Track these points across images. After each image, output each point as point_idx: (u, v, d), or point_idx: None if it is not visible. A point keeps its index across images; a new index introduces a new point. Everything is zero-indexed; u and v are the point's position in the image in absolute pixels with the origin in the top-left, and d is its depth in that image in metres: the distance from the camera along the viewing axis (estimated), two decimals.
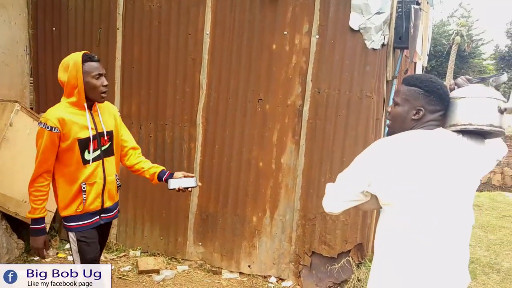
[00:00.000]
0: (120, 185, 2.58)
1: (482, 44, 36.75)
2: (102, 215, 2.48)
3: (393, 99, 1.78)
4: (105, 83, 2.34)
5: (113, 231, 4.24)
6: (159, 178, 2.57)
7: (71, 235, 2.38)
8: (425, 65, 7.03)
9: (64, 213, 2.36)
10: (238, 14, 3.73)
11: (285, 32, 3.64)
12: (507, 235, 5.64)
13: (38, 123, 2.25)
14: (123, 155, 2.63)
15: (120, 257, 4.12)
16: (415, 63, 5.56)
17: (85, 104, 2.31)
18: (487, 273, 4.25)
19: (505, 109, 1.58)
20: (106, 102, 2.47)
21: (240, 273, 3.95)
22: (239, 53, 3.77)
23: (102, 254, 4.15)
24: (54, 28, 4.19)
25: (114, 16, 4.04)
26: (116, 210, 2.60)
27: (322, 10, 3.52)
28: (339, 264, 3.67)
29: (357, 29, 3.42)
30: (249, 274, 3.93)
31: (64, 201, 2.34)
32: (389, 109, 1.78)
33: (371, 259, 3.72)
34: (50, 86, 4.22)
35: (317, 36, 3.56)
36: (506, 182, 11.94)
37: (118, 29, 4.04)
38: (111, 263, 3.95)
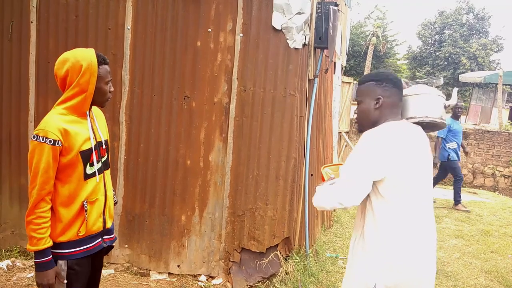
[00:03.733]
0: (116, 201, 2.33)
1: (396, 45, 39.29)
2: (104, 237, 2.18)
3: (356, 100, 2.06)
4: (112, 88, 2.10)
5: None
6: None
7: (60, 264, 2.00)
8: (344, 64, 7.35)
9: (61, 239, 1.98)
10: (160, 9, 3.66)
11: (209, 30, 3.62)
12: None
13: (34, 137, 1.89)
14: None
15: None
16: (335, 62, 5.80)
17: (88, 111, 2.05)
18: None
19: (448, 106, 2.01)
20: (95, 107, 2.19)
21: (169, 273, 3.90)
22: (162, 49, 3.70)
23: (20, 261, 3.90)
24: None
25: (28, 9, 3.79)
26: (113, 231, 2.31)
27: (245, 8, 3.55)
28: (268, 259, 3.74)
29: (280, 29, 3.49)
30: (178, 274, 3.88)
31: (62, 225, 1.98)
32: (356, 111, 2.06)
33: (297, 252, 3.85)
34: None
35: (241, 35, 3.59)
36: None
37: (32, 22, 3.80)
38: (29, 270, 3.71)
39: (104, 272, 3.82)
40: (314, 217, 4.60)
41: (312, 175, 4.23)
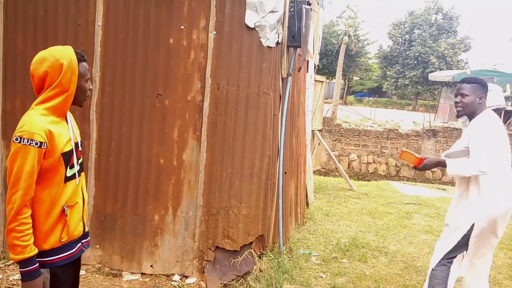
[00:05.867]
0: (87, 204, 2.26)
1: (368, 44, 40.07)
2: (83, 241, 2.12)
3: (460, 93, 2.99)
4: (91, 86, 2.02)
5: (0, 237, 3.87)
6: None
7: (43, 272, 1.90)
8: (317, 63, 7.41)
9: (44, 247, 1.90)
10: (132, 6, 3.60)
11: (182, 27, 3.59)
12: (392, 220, 6.20)
13: (17, 139, 1.78)
14: None
15: (9, 265, 3.78)
16: (308, 61, 5.85)
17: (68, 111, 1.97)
18: (376, 256, 4.65)
19: (508, 97, 3.63)
20: None
21: (142, 273, 3.85)
22: (134, 46, 3.65)
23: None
24: None
25: None
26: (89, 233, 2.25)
27: (218, 6, 3.53)
28: (242, 257, 3.75)
29: (253, 27, 3.49)
30: (151, 274, 3.84)
31: (43, 232, 1.89)
32: (458, 100, 3.00)
33: (271, 250, 3.87)
34: None
35: (215, 32, 3.57)
36: (390, 171, 13.15)
37: None
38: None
39: None
40: (288, 215, 4.64)
41: (285, 173, 4.25)
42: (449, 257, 3.11)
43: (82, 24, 3.66)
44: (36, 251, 1.85)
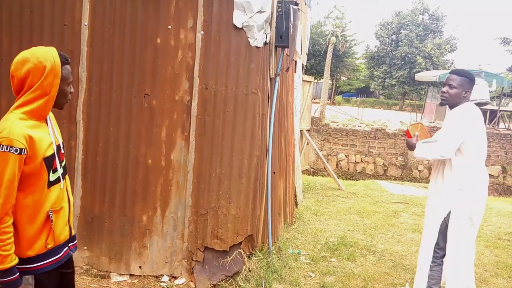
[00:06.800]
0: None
1: (355, 44, 40.34)
2: (69, 244, 2.08)
3: (449, 84, 3.09)
4: (72, 89, 1.96)
5: None
6: None
7: (27, 278, 1.86)
8: (305, 63, 7.44)
9: (29, 253, 1.85)
10: (119, 5, 3.58)
11: (170, 27, 3.58)
12: (380, 219, 6.25)
13: None
14: None
15: None
16: (296, 61, 5.87)
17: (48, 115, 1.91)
18: (364, 255, 4.68)
19: (491, 92, 3.42)
20: None
21: (131, 275, 3.82)
22: (121, 46, 3.62)
23: None
24: None
25: None
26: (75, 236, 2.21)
27: (205, 6, 3.53)
28: (231, 257, 3.74)
29: (241, 27, 3.49)
30: (140, 275, 3.81)
31: (27, 239, 1.84)
32: (445, 90, 3.09)
33: (261, 249, 3.88)
34: None
35: (202, 32, 3.56)
36: (378, 171, 13.26)
37: None
38: None
39: None
40: (277, 214, 4.65)
41: (274, 172, 4.26)
42: (442, 254, 3.21)
43: (68, 23, 3.62)
44: (17, 260, 1.80)
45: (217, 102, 3.64)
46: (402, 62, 38.60)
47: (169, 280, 3.78)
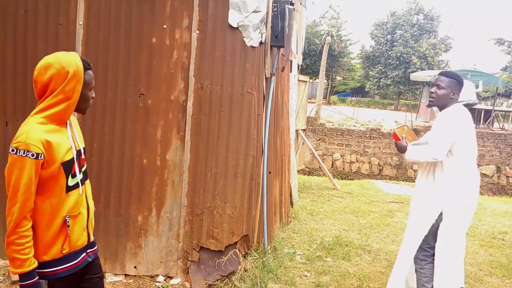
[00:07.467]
0: (94, 211, 2.18)
1: (350, 44, 40.38)
2: (88, 251, 2.06)
3: (437, 84, 3.12)
4: (94, 94, 1.98)
5: None
6: None
7: (41, 283, 1.85)
8: (300, 63, 7.45)
9: (45, 258, 1.86)
10: (114, 5, 3.57)
11: (165, 26, 3.57)
12: (375, 218, 6.27)
13: (13, 150, 1.73)
14: None
15: None
16: (291, 61, 5.88)
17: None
18: (359, 255, 4.69)
19: (478, 92, 3.38)
20: None
21: (126, 275, 3.81)
22: (116, 45, 3.61)
23: None
24: None
25: None
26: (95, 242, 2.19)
27: (201, 5, 3.53)
28: (227, 257, 3.74)
29: (236, 27, 3.49)
30: (135, 275, 3.81)
31: (43, 243, 1.85)
32: (434, 90, 3.13)
33: (256, 249, 3.88)
34: None
35: (198, 32, 3.56)
36: (373, 170, 13.30)
37: None
38: None
39: None
40: (273, 214, 4.65)
41: (270, 172, 4.27)
42: (432, 252, 3.22)
43: (63, 23, 3.60)
44: (36, 264, 1.81)
45: (212, 102, 3.64)
46: (397, 62, 38.71)
47: (165, 280, 3.78)
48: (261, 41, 3.57)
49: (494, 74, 21.49)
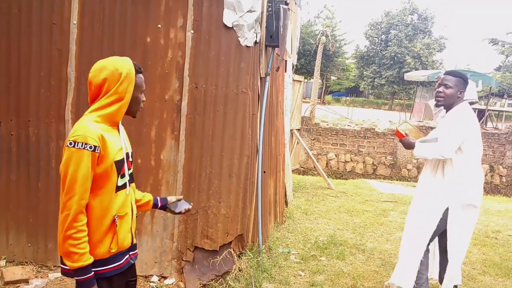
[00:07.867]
0: (136, 215, 2.19)
1: (345, 44, 40.50)
2: (131, 253, 2.09)
3: (444, 84, 3.17)
4: (144, 98, 2.03)
5: None
6: (154, 205, 2.34)
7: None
8: (295, 63, 7.45)
9: (93, 257, 1.87)
10: (108, 4, 3.55)
11: (159, 25, 3.56)
12: (369, 218, 6.29)
13: (71, 143, 1.77)
14: None
15: None
16: (286, 61, 5.88)
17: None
18: (354, 254, 4.71)
19: (478, 91, 3.41)
20: None
21: None
22: (111, 45, 3.60)
23: None
24: None
25: None
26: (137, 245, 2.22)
27: (196, 5, 3.52)
28: (221, 257, 3.74)
29: (231, 26, 3.49)
30: None
31: (93, 242, 1.87)
32: (441, 90, 3.17)
33: (251, 249, 3.88)
34: None
35: (192, 31, 3.55)
36: (368, 170, 13.35)
37: None
38: None
39: (51, 275, 3.68)
40: (267, 214, 4.65)
41: (265, 172, 4.27)
42: (429, 243, 3.32)
43: (57, 22, 3.58)
44: (92, 259, 1.82)
45: (207, 102, 3.63)
46: (392, 62, 38.86)
47: (159, 280, 3.77)
48: (256, 40, 3.57)
49: (487, 74, 21.62)
